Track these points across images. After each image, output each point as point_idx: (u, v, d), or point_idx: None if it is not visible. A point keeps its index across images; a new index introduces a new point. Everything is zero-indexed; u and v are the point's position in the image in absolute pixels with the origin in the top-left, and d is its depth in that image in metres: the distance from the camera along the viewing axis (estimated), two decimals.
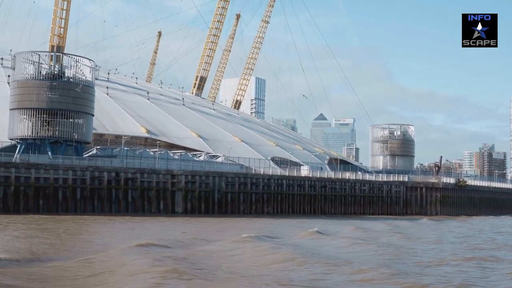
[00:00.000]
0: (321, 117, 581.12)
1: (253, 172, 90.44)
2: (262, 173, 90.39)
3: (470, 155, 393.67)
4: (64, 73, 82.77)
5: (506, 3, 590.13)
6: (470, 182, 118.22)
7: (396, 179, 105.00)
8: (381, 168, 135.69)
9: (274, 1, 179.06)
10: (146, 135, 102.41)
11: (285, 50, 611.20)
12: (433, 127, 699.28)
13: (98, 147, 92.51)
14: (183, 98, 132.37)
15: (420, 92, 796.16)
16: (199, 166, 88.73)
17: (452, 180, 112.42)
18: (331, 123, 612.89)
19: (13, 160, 75.79)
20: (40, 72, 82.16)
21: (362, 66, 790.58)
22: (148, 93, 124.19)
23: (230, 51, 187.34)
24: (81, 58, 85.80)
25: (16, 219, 61.29)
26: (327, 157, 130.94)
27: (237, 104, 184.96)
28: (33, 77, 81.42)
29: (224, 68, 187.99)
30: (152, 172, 79.20)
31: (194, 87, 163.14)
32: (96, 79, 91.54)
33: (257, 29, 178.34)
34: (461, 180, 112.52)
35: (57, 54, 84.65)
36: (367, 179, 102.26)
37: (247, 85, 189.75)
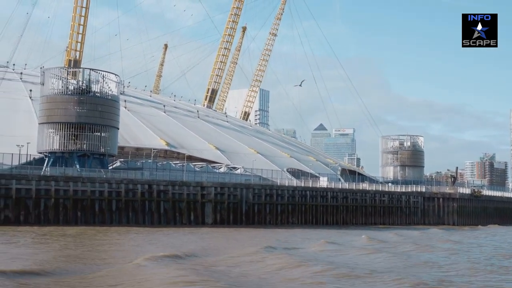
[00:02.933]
0: (321, 127, 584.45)
1: (278, 183, 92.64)
2: (287, 184, 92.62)
3: (472, 165, 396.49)
4: (91, 88, 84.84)
5: (506, 3, 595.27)
6: (485, 192, 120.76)
7: (414, 190, 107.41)
8: (391, 178, 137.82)
9: (282, 14, 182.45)
10: (166, 147, 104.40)
11: (283, 61, 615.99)
12: (431, 136, 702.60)
13: (122, 159, 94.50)
14: (197, 111, 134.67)
15: (417, 102, 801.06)
16: (222, 178, 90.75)
17: (467, 191, 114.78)
18: (331, 133, 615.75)
19: (42, 172, 77.81)
20: (68, 87, 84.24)
21: (359, 76, 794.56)
22: (164, 106, 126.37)
23: (236, 63, 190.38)
24: (107, 73, 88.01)
25: (54, 230, 63.28)
26: (339, 168, 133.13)
27: (246, 116, 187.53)
28: (61, 92, 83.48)
29: (231, 80, 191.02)
30: (183, 184, 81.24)
31: (205, 100, 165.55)
32: (121, 93, 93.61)
33: (265, 42, 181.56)
34: (476, 190, 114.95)
35: (84, 69, 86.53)
36: (387, 190, 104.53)
37: (255, 97, 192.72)
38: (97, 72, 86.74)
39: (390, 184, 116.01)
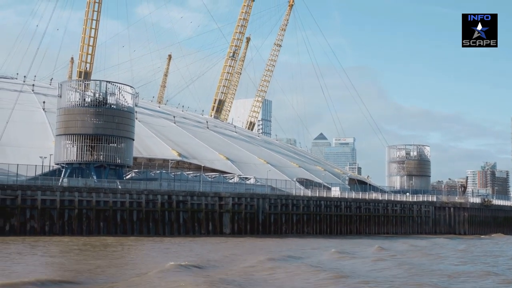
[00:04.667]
0: (321, 136, 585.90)
1: (293, 193, 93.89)
2: (302, 194, 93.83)
3: (473, 174, 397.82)
4: (107, 100, 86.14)
5: (506, 3, 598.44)
6: (494, 201, 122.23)
7: (425, 199, 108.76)
8: (398, 188, 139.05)
9: (286, 25, 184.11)
10: (178, 158, 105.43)
11: (282, 70, 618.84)
12: (430, 145, 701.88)
13: (135, 170, 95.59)
14: (207, 121, 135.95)
15: (416, 111, 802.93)
16: (232, 188, 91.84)
17: (478, 200, 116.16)
18: (331, 142, 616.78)
19: (59, 183, 78.94)
20: (85, 100, 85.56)
21: (357, 85, 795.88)
22: (174, 117, 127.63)
23: (240, 73, 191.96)
24: (123, 85, 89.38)
25: (78, 240, 64.32)
26: (347, 178, 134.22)
27: (251, 126, 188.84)
28: (78, 104, 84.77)
29: (235, 90, 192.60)
30: (201, 194, 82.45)
31: (212, 110, 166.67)
32: (136, 105, 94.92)
33: (270, 52, 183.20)
34: (486, 200, 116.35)
35: (101, 81, 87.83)
36: (399, 199, 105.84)
37: (260, 107, 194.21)
38: (113, 84, 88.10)
39: (400, 193, 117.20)
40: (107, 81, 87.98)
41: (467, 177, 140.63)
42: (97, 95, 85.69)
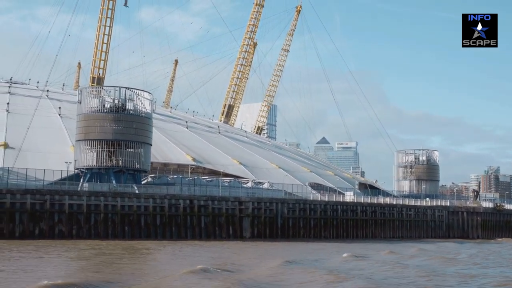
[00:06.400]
0: (324, 140, 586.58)
1: (311, 198, 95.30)
2: (319, 199, 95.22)
3: (477, 178, 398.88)
4: (125, 106, 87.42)
5: (506, 3, 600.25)
6: (506, 206, 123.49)
7: (439, 204, 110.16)
8: (407, 192, 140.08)
9: (294, 30, 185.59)
10: (193, 163, 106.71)
11: (284, 74, 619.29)
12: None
13: (152, 175, 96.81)
14: (218, 127, 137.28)
15: (416, 115, 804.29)
16: (250, 192, 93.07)
17: (490, 205, 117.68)
18: (334, 146, 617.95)
19: (79, 188, 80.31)
20: (104, 106, 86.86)
21: (358, 90, 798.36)
22: (186, 122, 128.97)
23: (247, 78, 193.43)
24: (141, 91, 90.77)
25: (103, 244, 65.61)
26: (357, 182, 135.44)
27: (259, 131, 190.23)
28: (98, 110, 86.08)
29: (242, 95, 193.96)
30: (222, 199, 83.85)
31: (222, 115, 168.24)
32: (154, 111, 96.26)
33: (277, 58, 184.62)
34: (499, 204, 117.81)
35: (120, 88, 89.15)
36: (413, 204, 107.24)
37: (268, 112, 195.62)
38: (131, 90, 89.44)
39: (413, 198, 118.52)
40: (126, 87, 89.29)
41: (479, 182, 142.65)
42: (116, 101, 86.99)
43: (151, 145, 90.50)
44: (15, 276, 38.52)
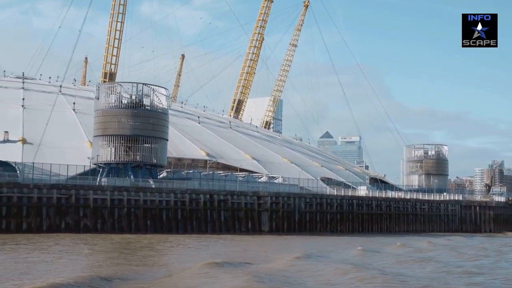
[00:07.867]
0: (327, 135, 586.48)
1: (327, 193, 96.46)
2: (335, 194, 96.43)
3: (482, 172, 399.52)
4: (142, 102, 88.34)
5: (506, 3, 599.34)
6: None
7: (452, 198, 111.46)
8: (416, 187, 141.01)
9: (302, 25, 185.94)
10: (206, 157, 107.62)
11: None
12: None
13: (167, 170, 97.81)
14: (229, 122, 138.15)
15: (419, 110, 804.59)
16: (267, 187, 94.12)
17: (503, 199, 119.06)
18: (337, 141, 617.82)
19: (97, 183, 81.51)
20: (121, 101, 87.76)
21: (362, 83, 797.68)
22: (198, 117, 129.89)
23: (254, 73, 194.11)
24: (157, 87, 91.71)
25: (127, 238, 66.75)
26: (367, 177, 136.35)
27: (267, 125, 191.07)
28: (115, 106, 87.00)
29: (249, 90, 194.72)
30: (241, 194, 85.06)
31: (232, 110, 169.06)
32: (169, 107, 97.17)
33: (285, 52, 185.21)
34: (511, 199, 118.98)
35: (138, 84, 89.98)
36: (426, 198, 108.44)
37: (276, 107, 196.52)
38: (148, 86, 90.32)
39: (425, 192, 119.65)
40: (143, 83, 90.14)
41: (491, 176, 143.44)
42: (133, 97, 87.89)
43: (167, 140, 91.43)
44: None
